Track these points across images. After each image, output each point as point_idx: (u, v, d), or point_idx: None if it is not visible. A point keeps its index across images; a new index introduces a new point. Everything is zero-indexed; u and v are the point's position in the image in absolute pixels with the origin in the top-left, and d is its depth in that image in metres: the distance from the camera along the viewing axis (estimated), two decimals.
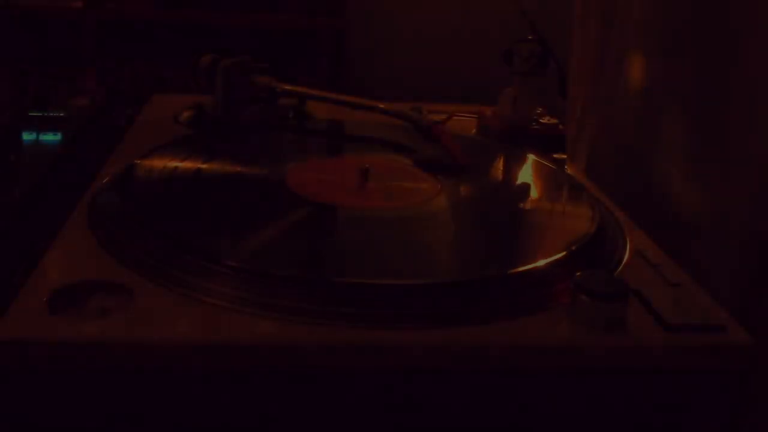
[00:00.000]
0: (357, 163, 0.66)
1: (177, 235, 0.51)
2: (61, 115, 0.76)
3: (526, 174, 0.73)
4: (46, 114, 0.76)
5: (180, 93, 1.69)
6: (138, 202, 0.57)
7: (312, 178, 0.65)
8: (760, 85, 0.67)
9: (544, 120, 0.82)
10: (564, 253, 0.53)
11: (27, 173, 0.61)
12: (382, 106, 0.81)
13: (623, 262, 0.56)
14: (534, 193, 0.68)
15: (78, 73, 1.55)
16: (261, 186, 0.64)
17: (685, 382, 0.47)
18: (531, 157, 0.74)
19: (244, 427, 0.45)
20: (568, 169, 0.75)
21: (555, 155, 0.75)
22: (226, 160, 0.68)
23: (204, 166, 0.66)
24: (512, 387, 0.46)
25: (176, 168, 0.65)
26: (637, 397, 0.47)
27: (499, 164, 0.77)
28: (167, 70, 1.70)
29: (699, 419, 0.49)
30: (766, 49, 0.67)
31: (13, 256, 0.53)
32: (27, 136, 0.69)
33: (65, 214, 0.57)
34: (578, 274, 0.48)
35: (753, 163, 0.67)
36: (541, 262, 0.51)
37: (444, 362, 0.45)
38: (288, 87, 0.84)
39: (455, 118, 0.83)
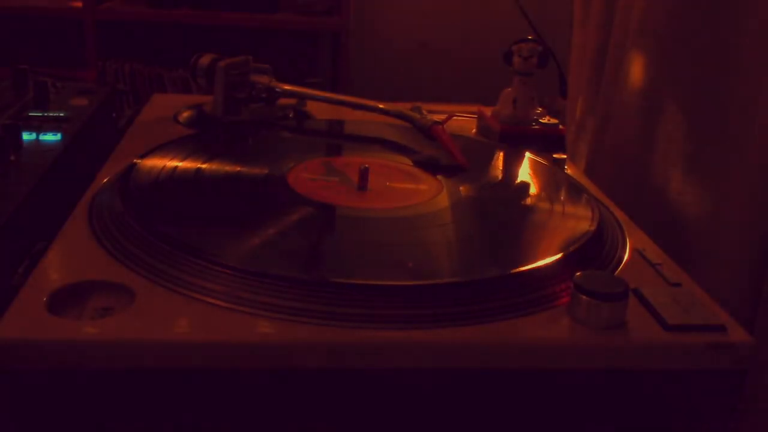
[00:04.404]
0: (357, 163, 0.66)
1: (177, 235, 0.51)
2: (61, 115, 0.76)
3: (525, 174, 0.73)
4: (46, 114, 0.76)
5: (180, 93, 1.69)
6: (138, 202, 0.57)
7: (312, 178, 0.65)
8: (760, 85, 0.67)
9: (544, 120, 0.82)
10: (564, 253, 0.53)
11: (27, 173, 0.61)
12: (382, 106, 0.81)
13: (623, 262, 0.56)
14: (534, 193, 0.68)
15: (78, 73, 1.55)
16: (261, 186, 0.64)
17: (685, 382, 0.47)
18: (531, 158, 0.74)
19: (244, 426, 0.45)
20: (568, 169, 0.75)
21: (555, 155, 0.75)
22: (226, 160, 0.68)
23: (204, 166, 0.66)
24: (512, 387, 0.46)
25: (176, 168, 0.65)
26: (637, 397, 0.47)
27: (499, 164, 0.77)
28: (167, 70, 1.70)
29: (699, 419, 0.49)
30: (765, 50, 0.67)
31: (13, 256, 0.53)
32: (27, 136, 0.69)
33: (65, 214, 0.57)
34: (578, 274, 0.48)
35: (753, 163, 0.67)
36: (541, 262, 0.51)
37: (444, 362, 0.45)
38: (288, 87, 0.84)
39: (455, 118, 0.83)
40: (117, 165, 0.66)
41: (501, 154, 0.78)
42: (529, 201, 0.66)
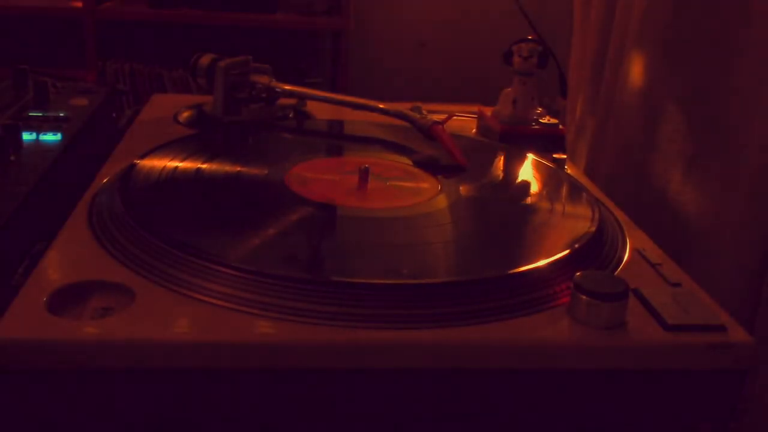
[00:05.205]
0: (357, 163, 0.66)
1: (177, 235, 0.51)
2: (61, 115, 0.76)
3: (526, 174, 0.73)
4: (46, 114, 0.76)
5: (180, 93, 1.69)
6: (138, 202, 0.57)
7: (312, 178, 0.65)
8: (759, 85, 0.67)
9: (544, 120, 0.82)
10: (564, 253, 0.53)
11: (27, 173, 0.61)
12: (382, 106, 0.81)
13: (623, 262, 0.56)
14: (534, 193, 0.68)
15: (78, 73, 1.55)
16: (261, 186, 0.64)
17: (685, 382, 0.47)
18: (531, 157, 0.75)
19: (244, 426, 0.45)
20: (568, 169, 0.75)
21: (555, 155, 0.75)
22: (226, 160, 0.68)
23: (204, 166, 0.66)
24: (513, 387, 0.46)
25: (176, 168, 0.65)
26: (637, 397, 0.47)
27: (499, 164, 0.77)
28: (167, 70, 1.70)
29: (699, 419, 0.49)
30: (765, 50, 0.67)
31: (13, 256, 0.53)
32: (27, 136, 0.69)
33: (65, 214, 0.57)
34: (578, 274, 0.48)
35: (753, 163, 0.67)
36: (542, 262, 0.51)
37: (444, 362, 0.45)
38: (288, 87, 0.84)
39: (455, 118, 0.83)
40: (117, 165, 0.66)
41: (501, 154, 0.78)
42: (529, 201, 0.66)
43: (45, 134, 0.70)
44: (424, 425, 0.47)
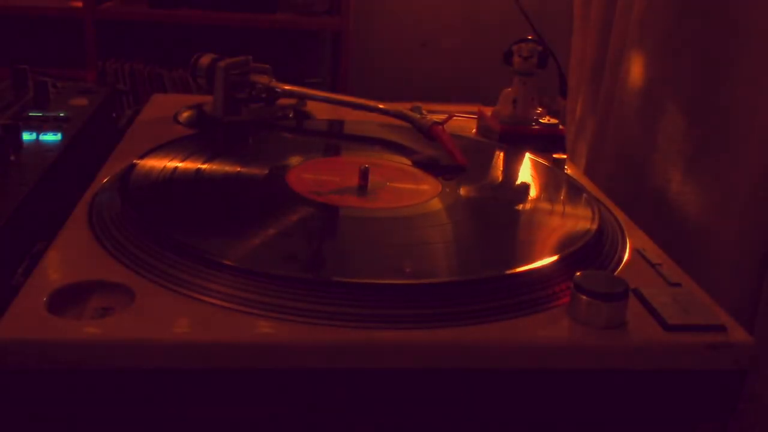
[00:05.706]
0: (357, 163, 0.66)
1: (177, 235, 0.51)
2: (61, 115, 0.76)
3: (525, 174, 0.73)
4: (46, 114, 0.76)
5: (180, 93, 1.69)
6: (138, 202, 0.57)
7: (312, 178, 0.65)
8: (760, 84, 0.67)
9: (544, 120, 0.82)
10: (564, 253, 0.53)
11: (27, 173, 0.61)
12: (382, 106, 0.81)
13: (623, 262, 0.56)
14: (534, 194, 0.68)
15: (78, 73, 1.55)
16: (261, 186, 0.64)
17: (685, 382, 0.47)
18: (531, 158, 0.74)
19: (244, 426, 0.45)
20: (568, 169, 0.75)
21: (555, 155, 0.75)
22: (226, 160, 0.68)
23: (204, 166, 0.66)
24: (513, 387, 0.46)
25: (176, 168, 0.65)
26: (636, 397, 0.47)
27: (499, 164, 0.77)
28: (167, 70, 1.70)
29: (699, 419, 0.49)
30: (765, 50, 0.67)
31: (13, 256, 0.53)
32: (27, 136, 0.69)
33: (65, 214, 0.57)
34: (578, 274, 0.48)
35: (753, 163, 0.67)
36: (541, 262, 0.51)
37: (444, 362, 0.45)
38: (288, 87, 0.84)
39: (455, 118, 0.83)
40: (117, 165, 0.66)
41: (501, 154, 0.78)
42: (529, 201, 0.66)
43: (45, 134, 0.70)
44: (425, 425, 0.47)
